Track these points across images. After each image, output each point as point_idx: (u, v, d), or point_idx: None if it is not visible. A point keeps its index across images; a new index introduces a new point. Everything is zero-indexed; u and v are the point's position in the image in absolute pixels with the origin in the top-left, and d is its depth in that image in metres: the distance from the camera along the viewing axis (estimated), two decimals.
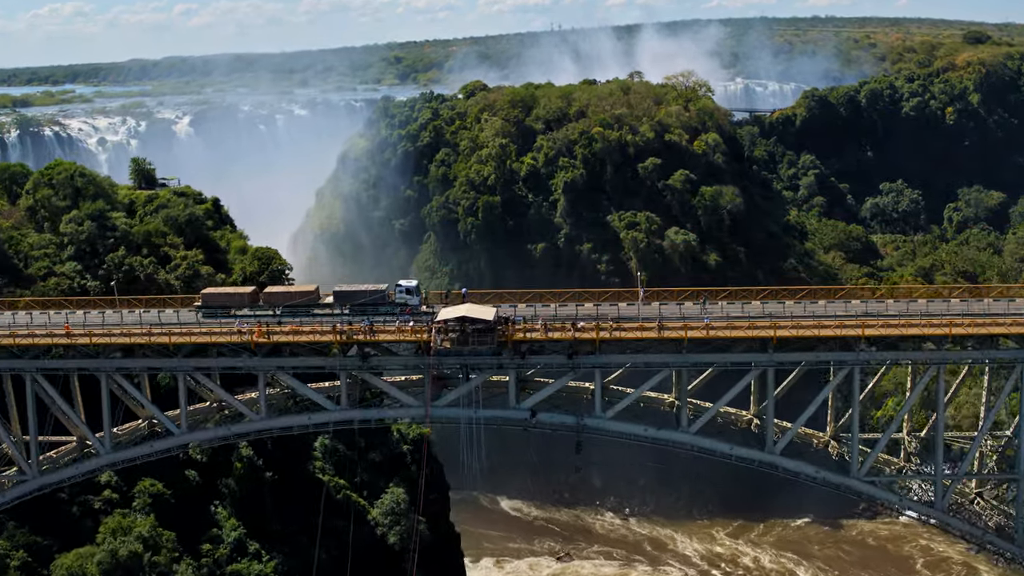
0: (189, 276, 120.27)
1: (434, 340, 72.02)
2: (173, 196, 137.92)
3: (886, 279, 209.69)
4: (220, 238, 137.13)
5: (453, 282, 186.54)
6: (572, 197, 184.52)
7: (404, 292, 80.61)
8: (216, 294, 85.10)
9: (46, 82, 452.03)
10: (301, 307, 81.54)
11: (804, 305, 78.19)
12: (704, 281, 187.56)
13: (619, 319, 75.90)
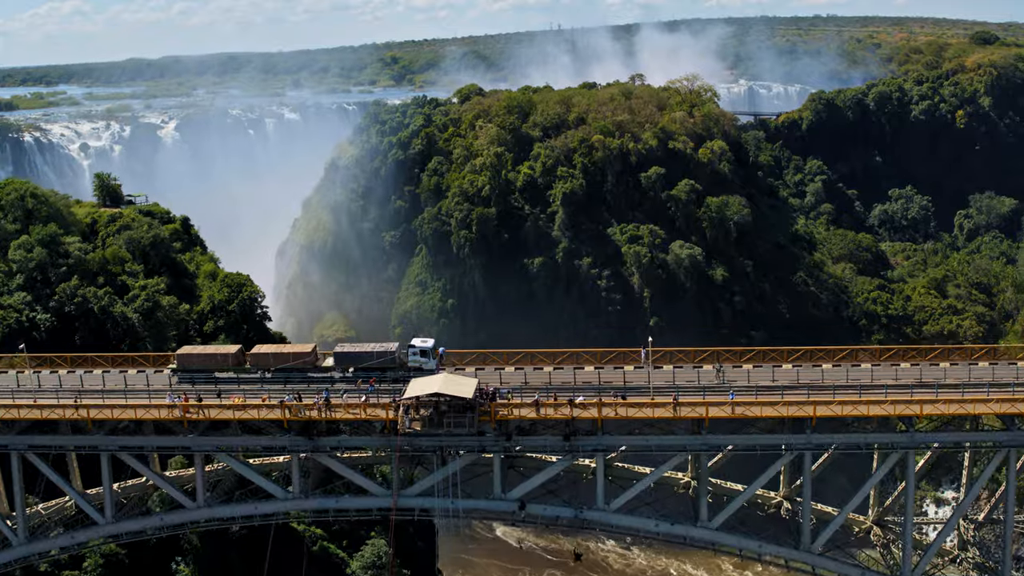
0: (148, 308, 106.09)
1: (401, 420, 57.72)
2: (138, 215, 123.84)
3: (897, 290, 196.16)
4: (189, 261, 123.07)
5: (446, 297, 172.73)
6: (571, 209, 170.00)
7: (418, 354, 67.03)
8: (193, 355, 71.00)
9: (40, 83, 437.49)
10: (295, 371, 67.72)
11: (845, 370, 63.61)
12: (710, 295, 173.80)
13: (625, 390, 61.50)
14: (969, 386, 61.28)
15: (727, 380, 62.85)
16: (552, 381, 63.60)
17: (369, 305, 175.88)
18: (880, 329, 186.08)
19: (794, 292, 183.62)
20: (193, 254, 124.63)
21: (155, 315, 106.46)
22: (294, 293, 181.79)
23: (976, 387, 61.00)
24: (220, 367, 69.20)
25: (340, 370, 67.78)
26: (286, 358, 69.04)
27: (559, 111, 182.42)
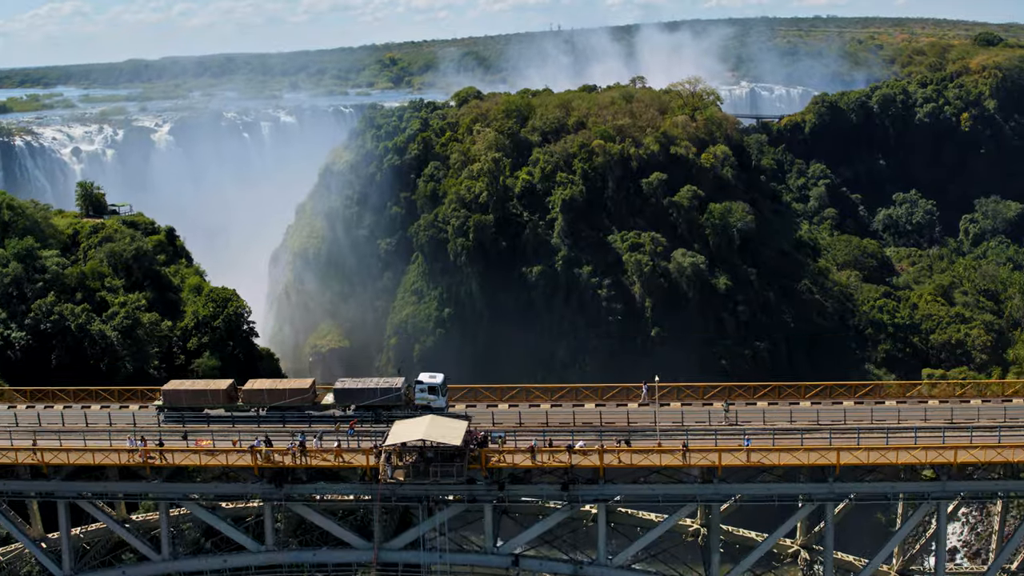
0: (127, 326, 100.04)
1: (383, 470, 51.71)
2: (121, 226, 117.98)
3: (903, 298, 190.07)
4: (174, 274, 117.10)
5: (442, 307, 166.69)
6: (570, 216, 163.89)
7: (426, 391, 61.02)
8: (181, 391, 65.01)
9: (38, 84, 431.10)
10: (291, 408, 62.08)
11: (869, 410, 57.59)
12: (713, 305, 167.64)
13: (629, 432, 55.45)
14: (1005, 428, 55.31)
15: (740, 420, 56.82)
16: (549, 421, 57.70)
17: (364, 314, 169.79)
18: (887, 338, 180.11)
19: (799, 300, 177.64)
20: (178, 267, 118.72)
21: (135, 333, 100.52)
22: (287, 302, 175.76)
23: (1014, 429, 55.00)
24: (210, 404, 63.56)
25: (341, 408, 61.79)
26: (282, 395, 63.25)
27: (558, 115, 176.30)
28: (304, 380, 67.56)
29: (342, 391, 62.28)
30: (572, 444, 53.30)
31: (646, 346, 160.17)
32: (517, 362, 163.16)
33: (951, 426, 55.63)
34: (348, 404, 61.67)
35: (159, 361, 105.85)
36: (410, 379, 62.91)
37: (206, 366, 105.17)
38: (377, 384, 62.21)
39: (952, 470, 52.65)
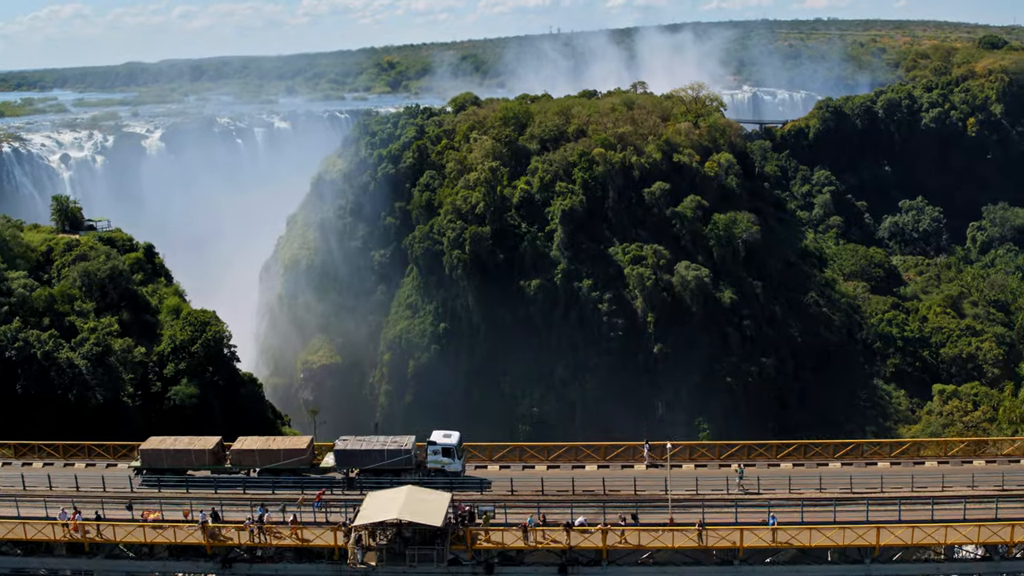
0: (98, 353, 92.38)
1: (352, 554, 44.08)
2: (97, 243, 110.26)
3: (912, 309, 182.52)
4: (151, 294, 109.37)
5: (437, 321, 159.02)
6: (570, 227, 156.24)
7: (440, 453, 54.45)
8: (161, 451, 57.98)
9: (34, 87, 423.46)
10: (287, 471, 55.30)
11: (909, 475, 49.84)
12: (717, 320, 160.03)
13: (637, 505, 47.72)
14: None
15: (762, 486, 49.13)
16: (545, 488, 49.93)
17: (357, 329, 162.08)
18: (896, 352, 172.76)
19: (805, 314, 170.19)
20: (157, 286, 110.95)
21: (106, 360, 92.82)
22: (278, 315, 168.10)
23: None
24: (194, 465, 56.84)
25: (342, 471, 54.41)
26: (275, 455, 56.03)
27: (558, 122, 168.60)
28: (300, 439, 59.95)
29: (344, 452, 54.95)
30: (571, 521, 45.71)
31: (648, 363, 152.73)
32: (515, 379, 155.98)
33: (1004, 494, 47.98)
34: (351, 467, 54.33)
35: (134, 388, 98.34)
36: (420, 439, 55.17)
37: (183, 394, 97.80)
38: (384, 445, 54.74)
39: (1007, 550, 45.13)
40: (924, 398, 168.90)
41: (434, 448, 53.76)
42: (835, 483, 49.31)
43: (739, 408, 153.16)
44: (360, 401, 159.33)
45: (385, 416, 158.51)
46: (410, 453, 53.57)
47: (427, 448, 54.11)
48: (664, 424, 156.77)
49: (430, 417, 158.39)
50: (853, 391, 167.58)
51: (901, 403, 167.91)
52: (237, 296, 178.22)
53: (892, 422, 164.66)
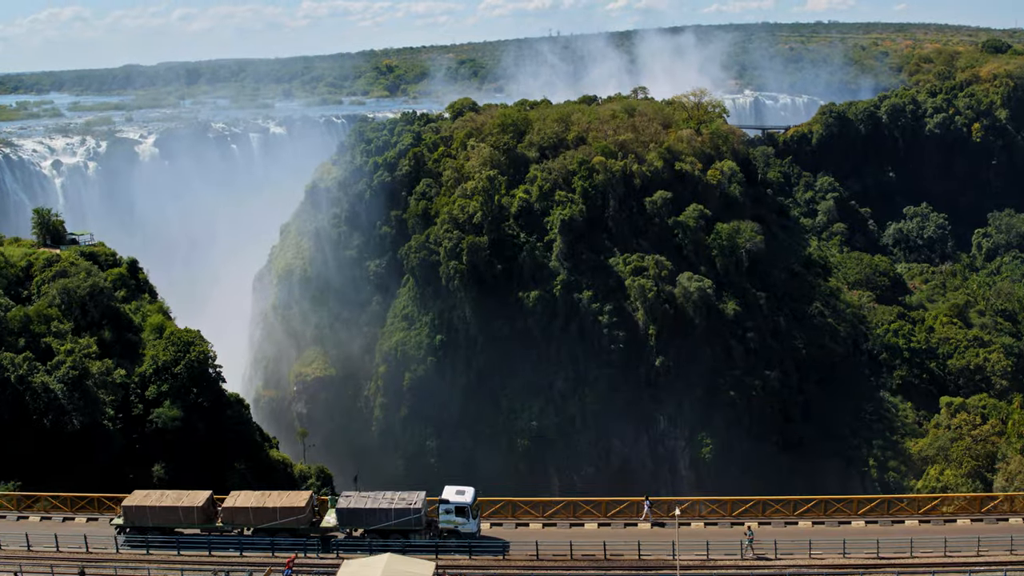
0: (74, 377, 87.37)
1: None
2: (79, 259, 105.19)
3: (918, 319, 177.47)
4: (135, 311, 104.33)
5: (433, 333, 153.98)
6: (570, 237, 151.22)
7: (452, 512, 49.09)
8: (146, 507, 52.98)
9: (31, 90, 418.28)
10: (284, 531, 50.51)
11: (943, 540, 44.74)
12: (720, 332, 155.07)
13: (642, 572, 42.69)
14: None
15: (779, 550, 44.06)
16: (540, 551, 44.78)
17: (352, 340, 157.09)
18: (902, 364, 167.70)
19: (810, 324, 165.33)
20: (140, 303, 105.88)
21: (83, 384, 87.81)
22: (271, 326, 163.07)
23: None
24: (183, 523, 52.15)
25: (344, 531, 49.71)
26: (271, 514, 50.87)
27: (557, 130, 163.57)
28: (299, 495, 54.25)
29: (347, 511, 49.83)
30: None
31: (650, 376, 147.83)
32: (513, 393, 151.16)
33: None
34: (354, 527, 49.44)
35: (115, 411, 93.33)
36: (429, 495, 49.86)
37: (166, 416, 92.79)
38: (391, 503, 49.40)
39: None
40: (931, 410, 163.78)
41: (446, 507, 48.50)
42: (860, 546, 44.21)
43: (742, 422, 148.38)
44: (355, 414, 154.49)
45: (380, 430, 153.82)
46: (420, 512, 48.37)
47: (439, 507, 48.86)
48: (666, 438, 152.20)
49: (426, 431, 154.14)
50: (859, 404, 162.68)
51: (908, 416, 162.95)
52: (231, 305, 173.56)
53: (899, 436, 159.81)
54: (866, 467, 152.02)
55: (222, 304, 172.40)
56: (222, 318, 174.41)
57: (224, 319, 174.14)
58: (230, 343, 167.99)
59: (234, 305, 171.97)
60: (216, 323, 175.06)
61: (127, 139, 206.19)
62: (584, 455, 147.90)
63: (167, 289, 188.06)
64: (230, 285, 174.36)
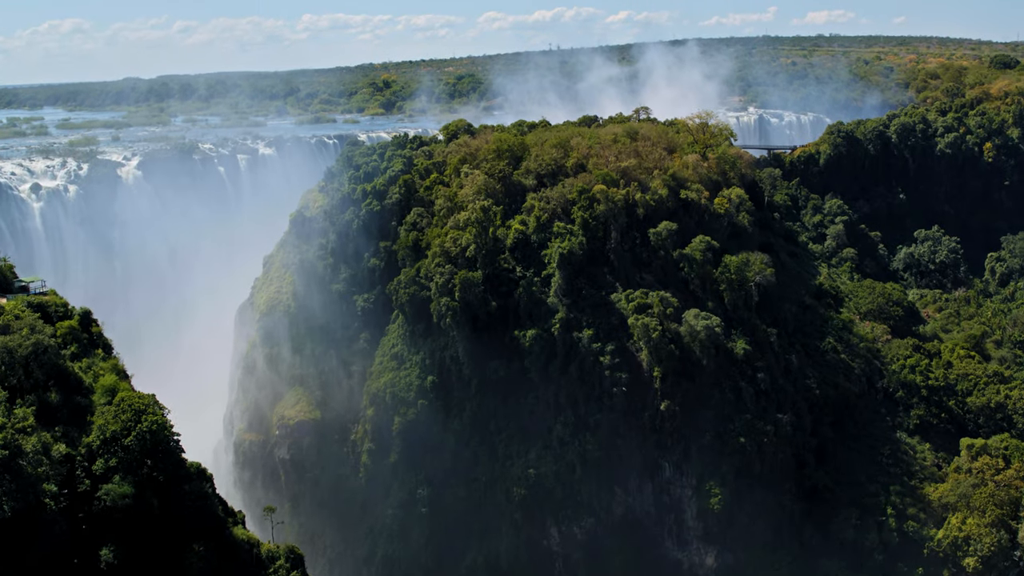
0: (4, 458, 74.77)
1: None
2: (25, 311, 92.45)
3: (933, 352, 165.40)
4: (85, 370, 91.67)
5: (424, 374, 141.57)
6: (569, 272, 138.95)
7: None
8: None
9: (25, 105, 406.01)
10: None
11: None
12: (729, 373, 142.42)
13: None
14: None
15: None
16: None
17: (338, 380, 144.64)
18: (920, 402, 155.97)
19: (823, 361, 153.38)
20: (92, 360, 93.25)
21: (15, 464, 75.25)
22: (253, 364, 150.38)
23: None
24: None
25: None
26: None
27: (556, 156, 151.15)
28: None
29: None
30: None
31: (655, 422, 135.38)
32: (509, 438, 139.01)
33: None
34: None
35: (58, 487, 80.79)
36: None
37: (115, 494, 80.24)
38: None
39: None
40: (951, 451, 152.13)
41: None
42: None
43: (753, 469, 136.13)
44: (341, 460, 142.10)
45: (368, 477, 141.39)
46: None
47: None
48: (672, 486, 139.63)
49: (417, 478, 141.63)
50: (875, 446, 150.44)
51: (926, 458, 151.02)
52: (213, 339, 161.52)
53: (917, 480, 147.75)
54: (884, 516, 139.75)
55: (204, 338, 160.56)
56: (204, 353, 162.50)
57: (206, 354, 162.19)
58: (212, 381, 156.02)
59: (216, 339, 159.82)
60: (198, 359, 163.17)
61: (109, 161, 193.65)
62: (585, 505, 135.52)
63: (148, 320, 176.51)
64: (213, 318, 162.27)
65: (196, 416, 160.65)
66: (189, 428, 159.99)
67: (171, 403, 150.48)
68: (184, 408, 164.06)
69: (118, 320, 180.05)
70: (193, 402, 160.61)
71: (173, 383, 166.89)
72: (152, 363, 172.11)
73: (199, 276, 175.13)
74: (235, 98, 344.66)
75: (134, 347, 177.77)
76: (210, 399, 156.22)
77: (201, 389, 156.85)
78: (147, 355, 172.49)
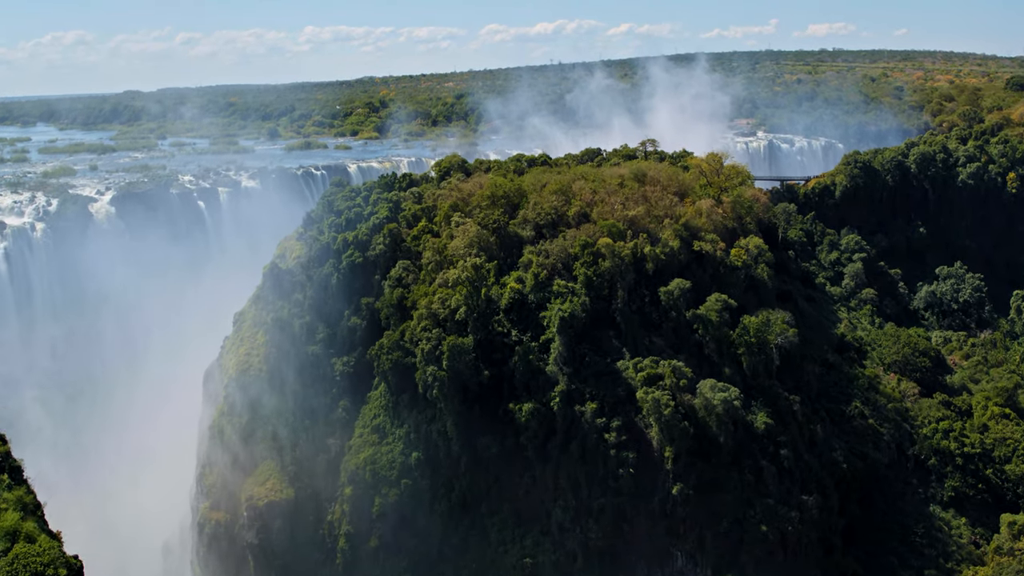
0: None
1: None
2: None
3: (963, 409, 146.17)
4: None
5: (409, 450, 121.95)
6: (570, 337, 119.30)
7: None
8: None
9: (18, 121, 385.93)
10: None
11: None
12: (749, 450, 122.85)
13: None
14: None
15: None
16: None
17: (314, 454, 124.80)
18: (955, 471, 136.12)
19: (849, 428, 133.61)
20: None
21: None
22: (220, 433, 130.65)
23: None
24: None
25: None
26: None
27: (556, 204, 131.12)
28: None
29: None
30: None
31: (665, 507, 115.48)
32: (503, 523, 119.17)
33: None
34: None
35: None
36: None
37: None
38: None
39: None
40: (989, 526, 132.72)
41: None
42: None
43: (776, 558, 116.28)
44: (316, 544, 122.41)
45: (346, 563, 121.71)
46: None
47: None
48: None
49: (400, 566, 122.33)
50: (907, 524, 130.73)
51: (963, 535, 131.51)
52: (180, 403, 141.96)
53: (954, 563, 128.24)
54: None
55: (178, 398, 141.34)
56: (178, 414, 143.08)
57: (180, 415, 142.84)
58: (184, 445, 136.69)
59: (184, 403, 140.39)
60: (172, 420, 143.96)
61: (80, 196, 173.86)
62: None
63: (122, 374, 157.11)
64: (184, 377, 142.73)
65: (164, 482, 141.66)
66: (156, 498, 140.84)
67: (142, 465, 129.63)
68: (154, 474, 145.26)
69: (90, 372, 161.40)
70: (163, 468, 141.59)
71: (146, 442, 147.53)
72: (123, 421, 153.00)
73: (175, 326, 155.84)
74: (228, 118, 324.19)
75: (106, 402, 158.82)
76: (181, 465, 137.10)
77: (173, 454, 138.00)
78: (118, 412, 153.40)
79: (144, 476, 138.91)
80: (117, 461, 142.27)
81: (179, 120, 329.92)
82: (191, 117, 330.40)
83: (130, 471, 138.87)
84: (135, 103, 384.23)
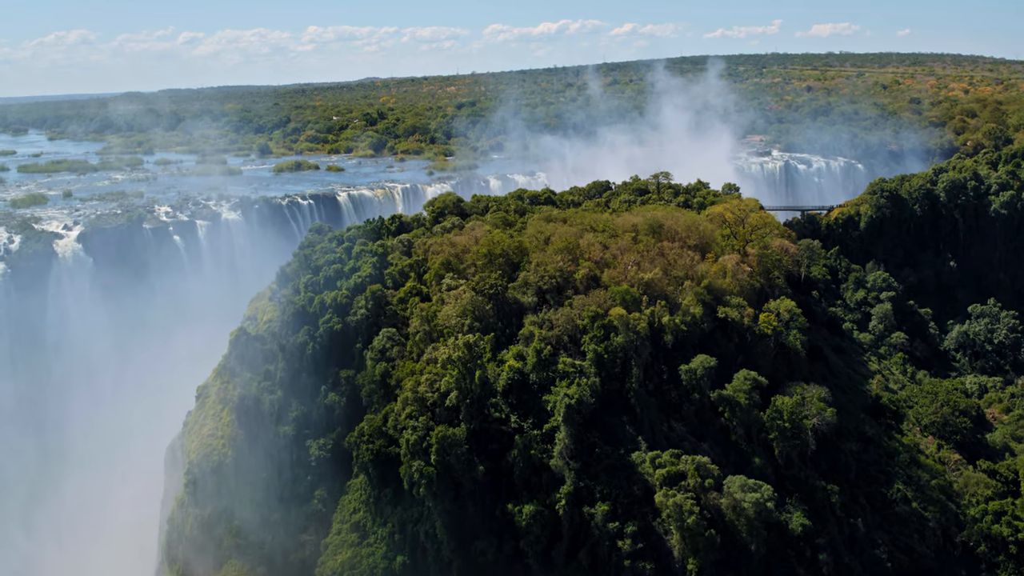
0: None
1: None
2: None
3: (1009, 475, 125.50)
4: None
5: (393, 552, 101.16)
6: (578, 427, 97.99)
7: None
8: None
9: (9, 129, 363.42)
10: None
11: None
12: (784, 556, 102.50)
13: None
14: None
15: None
16: None
17: (285, 553, 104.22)
18: (1008, 561, 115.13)
19: (892, 517, 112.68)
20: None
21: None
22: (183, 523, 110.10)
23: None
24: None
25: None
26: None
27: (561, 264, 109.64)
28: None
29: None
30: None
31: None
32: None
33: None
34: None
35: None
36: None
37: None
38: None
39: None
40: None
41: None
42: None
43: None
44: None
45: None
46: None
47: None
48: None
49: None
50: None
51: None
52: (143, 484, 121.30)
53: None
54: None
55: (135, 481, 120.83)
56: (141, 491, 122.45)
57: (142, 493, 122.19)
58: (136, 537, 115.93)
59: (149, 479, 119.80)
60: (134, 496, 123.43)
61: (45, 232, 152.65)
62: None
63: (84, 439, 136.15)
64: (150, 450, 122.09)
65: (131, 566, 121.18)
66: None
67: (96, 551, 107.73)
68: (109, 558, 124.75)
69: (42, 440, 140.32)
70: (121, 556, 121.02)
71: (109, 516, 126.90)
72: (87, 491, 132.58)
73: (144, 383, 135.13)
74: (221, 129, 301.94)
75: (69, 468, 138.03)
76: (142, 556, 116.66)
77: (129, 545, 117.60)
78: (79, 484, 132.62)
79: (97, 558, 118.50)
80: (69, 542, 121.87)
81: (170, 132, 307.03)
82: (183, 128, 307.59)
83: (81, 557, 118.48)
84: (130, 107, 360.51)
